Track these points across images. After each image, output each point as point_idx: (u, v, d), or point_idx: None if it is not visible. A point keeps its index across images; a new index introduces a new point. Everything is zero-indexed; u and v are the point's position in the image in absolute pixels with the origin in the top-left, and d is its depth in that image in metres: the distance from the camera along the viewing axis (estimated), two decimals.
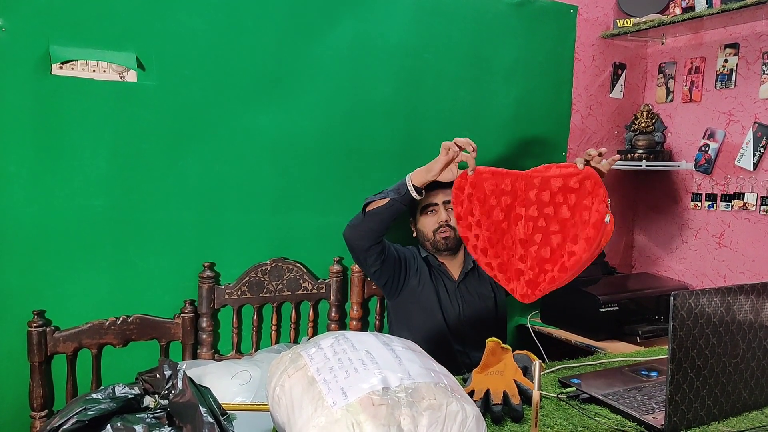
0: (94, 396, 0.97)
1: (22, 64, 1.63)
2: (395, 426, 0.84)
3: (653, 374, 1.43)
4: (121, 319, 1.79)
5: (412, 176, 1.66)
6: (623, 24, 2.50)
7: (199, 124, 1.85)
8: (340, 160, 2.05)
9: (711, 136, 2.45)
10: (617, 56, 2.63)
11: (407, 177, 1.67)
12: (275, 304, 2.01)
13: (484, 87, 2.27)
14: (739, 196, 2.35)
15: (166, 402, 1.00)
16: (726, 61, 2.38)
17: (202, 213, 1.88)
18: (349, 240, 1.77)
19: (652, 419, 1.17)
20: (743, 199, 2.33)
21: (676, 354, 1.11)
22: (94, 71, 1.70)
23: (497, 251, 1.55)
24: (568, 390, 1.34)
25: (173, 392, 0.99)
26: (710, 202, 2.45)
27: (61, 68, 1.66)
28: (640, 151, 2.52)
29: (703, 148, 2.47)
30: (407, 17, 2.10)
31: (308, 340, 1.13)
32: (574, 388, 1.33)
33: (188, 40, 1.80)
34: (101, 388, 1.00)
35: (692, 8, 2.33)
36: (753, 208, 2.31)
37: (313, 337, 1.11)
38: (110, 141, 1.75)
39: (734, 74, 2.36)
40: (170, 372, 1.01)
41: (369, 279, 2.07)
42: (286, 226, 2.01)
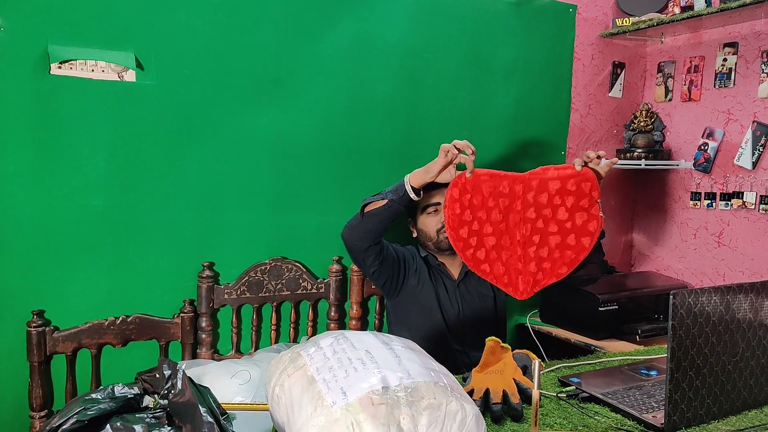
0: (94, 396, 0.97)
1: (21, 64, 1.63)
2: (395, 425, 0.84)
3: (653, 373, 1.43)
4: (121, 319, 1.79)
5: (411, 177, 1.66)
6: (622, 23, 2.50)
7: (199, 124, 1.85)
8: (340, 160, 2.05)
9: (710, 135, 2.45)
10: (616, 55, 2.63)
11: (405, 178, 1.67)
12: (275, 304, 2.01)
13: (484, 86, 2.27)
14: (738, 195, 2.35)
15: (166, 402, 1.00)
16: (725, 60, 2.38)
17: (202, 213, 1.88)
18: (347, 241, 1.77)
19: (652, 418, 1.17)
20: (742, 198, 2.33)
21: (676, 353, 1.11)
22: (93, 71, 1.70)
23: (497, 253, 1.56)
24: (568, 389, 1.34)
25: (173, 392, 0.99)
26: (709, 201, 2.46)
27: (60, 68, 1.66)
28: (639, 150, 2.53)
29: (702, 147, 2.47)
30: (407, 17, 2.10)
31: (308, 340, 1.12)
32: (574, 387, 1.34)
33: (187, 40, 1.80)
34: (101, 388, 0.99)
35: (691, 7, 2.34)
36: (752, 207, 2.31)
37: (313, 337, 1.11)
38: (109, 141, 1.75)
39: (733, 73, 2.36)
40: (170, 372, 1.01)
41: (368, 279, 2.07)
42: (286, 226, 2.01)
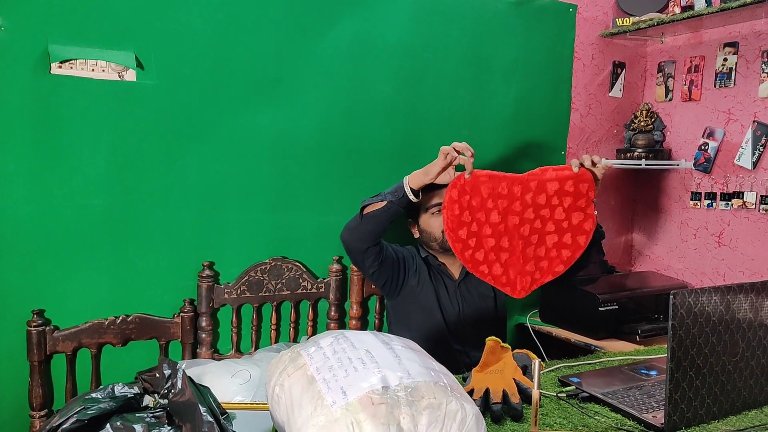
0: (94, 395, 0.97)
1: (21, 63, 1.63)
2: (395, 425, 0.84)
3: (653, 373, 1.43)
4: (121, 319, 1.79)
5: (410, 179, 1.66)
6: (622, 23, 2.50)
7: (199, 123, 1.85)
8: (340, 160, 2.05)
9: (710, 135, 2.45)
10: (616, 55, 2.63)
11: (404, 180, 1.67)
12: (275, 304, 2.01)
13: (484, 86, 2.27)
14: (739, 195, 2.35)
15: (166, 401, 1.00)
16: (725, 60, 2.38)
17: (202, 212, 1.88)
18: (347, 242, 1.76)
19: (652, 418, 1.17)
20: (742, 198, 2.33)
21: (676, 353, 1.11)
22: (93, 70, 1.70)
23: (495, 254, 1.58)
24: (568, 389, 1.34)
25: (173, 391, 0.99)
26: (709, 201, 2.45)
27: (60, 67, 1.66)
28: (640, 150, 2.53)
29: (703, 147, 2.47)
30: (407, 16, 2.10)
31: (308, 340, 1.12)
32: (574, 387, 1.34)
33: (187, 40, 1.80)
34: (101, 388, 0.99)
35: (692, 7, 2.33)
36: (752, 207, 2.31)
37: (313, 336, 1.11)
38: (109, 140, 1.74)
39: (733, 73, 2.36)
40: (170, 371, 1.01)
41: (368, 279, 2.06)
42: (286, 226, 2.01)
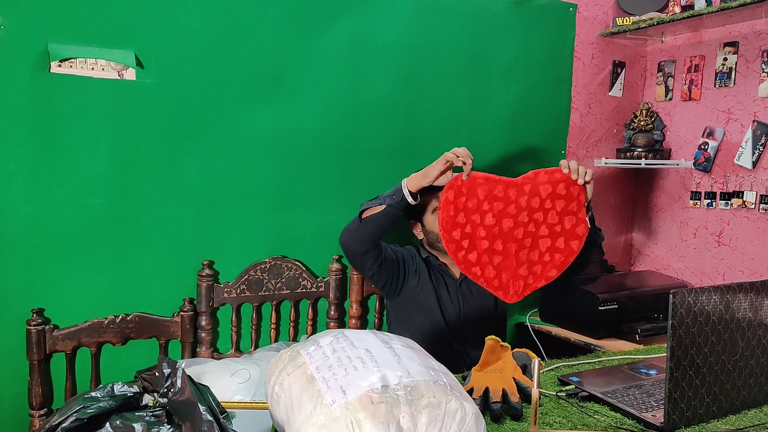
0: (93, 394, 0.96)
1: (21, 62, 1.63)
2: (394, 424, 0.84)
3: (652, 372, 1.43)
4: (120, 318, 1.79)
5: (408, 181, 1.66)
6: (622, 22, 2.50)
7: (198, 123, 1.85)
8: (339, 159, 2.05)
9: (710, 135, 2.45)
10: (616, 54, 2.63)
11: (403, 182, 1.66)
12: (274, 303, 2.01)
13: (483, 85, 2.27)
14: (738, 195, 2.35)
15: (165, 400, 0.99)
16: (725, 60, 2.38)
17: (201, 211, 1.88)
18: (346, 246, 1.77)
19: (651, 417, 1.17)
20: (742, 198, 2.33)
21: (675, 352, 1.11)
22: (93, 69, 1.70)
23: (488, 257, 1.59)
24: (568, 388, 1.34)
25: (172, 390, 0.99)
26: (709, 201, 2.45)
27: (60, 66, 1.66)
28: (640, 150, 2.53)
29: (702, 147, 2.47)
30: (406, 16, 2.10)
31: (307, 339, 1.12)
32: (573, 386, 1.34)
33: (187, 39, 1.80)
34: (100, 387, 0.99)
35: (692, 6, 2.33)
36: (752, 207, 2.31)
37: (312, 336, 1.11)
38: (109, 139, 1.74)
39: (733, 72, 2.35)
40: (169, 370, 1.01)
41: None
42: (285, 225, 2.01)
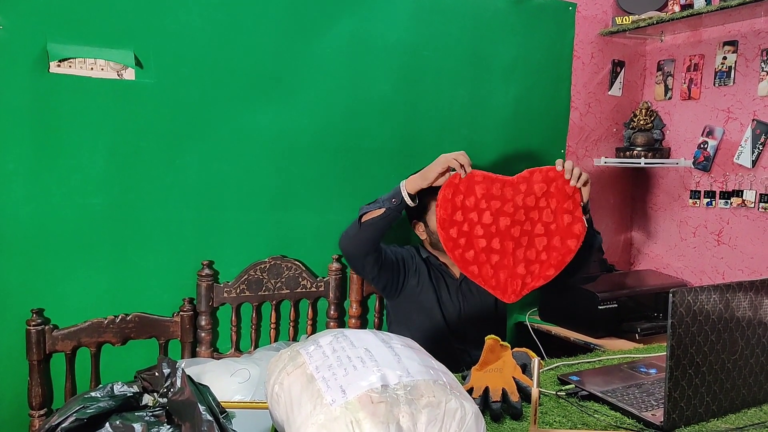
0: (93, 394, 0.96)
1: (20, 62, 1.62)
2: (394, 423, 0.84)
3: (652, 371, 1.43)
4: (120, 318, 1.79)
5: (406, 183, 1.66)
6: (622, 21, 2.50)
7: (198, 122, 1.85)
8: (339, 158, 2.05)
9: (710, 134, 2.45)
10: (616, 54, 2.63)
11: (401, 184, 1.67)
12: (274, 302, 2.01)
13: (483, 85, 2.27)
14: (738, 194, 2.35)
15: (165, 400, 0.99)
16: (725, 59, 2.38)
17: (201, 211, 1.88)
18: (346, 250, 1.77)
19: (651, 416, 1.17)
20: (742, 197, 2.33)
21: (675, 351, 1.11)
22: (92, 69, 1.70)
23: (486, 255, 1.59)
24: (567, 387, 1.34)
25: (172, 390, 0.99)
26: (709, 200, 2.45)
27: (59, 66, 1.66)
28: (639, 149, 2.53)
29: (702, 146, 2.47)
30: (406, 15, 2.10)
31: (307, 338, 1.12)
32: (573, 386, 1.34)
33: (186, 38, 1.80)
34: (100, 387, 0.99)
35: (691, 5, 2.33)
36: (751, 206, 2.31)
37: (312, 335, 1.11)
38: (108, 139, 1.74)
39: (733, 71, 2.35)
40: (169, 370, 1.01)
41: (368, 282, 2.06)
42: (285, 224, 2.01)
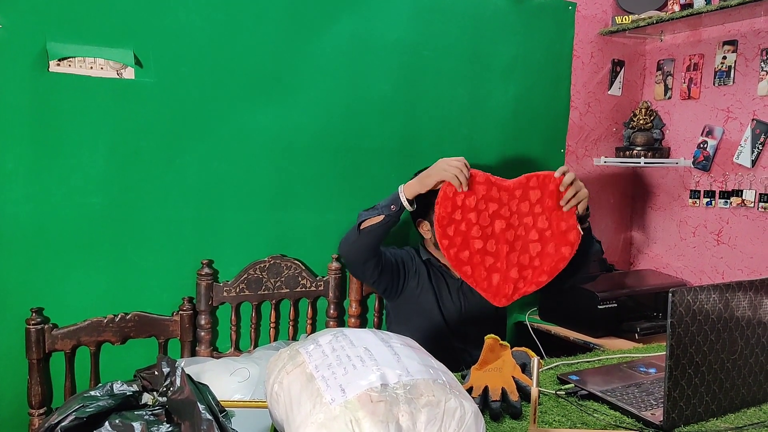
0: (93, 393, 0.96)
1: (20, 61, 1.62)
2: (393, 423, 0.84)
3: (651, 371, 1.43)
4: (120, 317, 1.79)
5: (405, 189, 1.67)
6: (622, 21, 2.50)
7: (197, 122, 1.84)
8: (339, 158, 2.05)
9: (709, 133, 2.45)
10: (616, 53, 2.63)
11: (399, 189, 1.68)
12: (273, 302, 2.01)
13: (483, 84, 2.27)
14: (738, 193, 2.35)
15: (165, 399, 0.99)
16: (724, 58, 2.38)
17: (201, 210, 1.88)
18: (346, 257, 1.78)
19: (651, 415, 1.17)
20: (741, 196, 2.33)
21: (675, 350, 1.11)
22: (92, 68, 1.70)
23: (480, 257, 1.60)
24: (567, 386, 1.34)
25: (172, 389, 0.99)
26: (708, 199, 2.46)
27: (59, 65, 1.66)
28: (639, 148, 2.53)
29: (702, 145, 2.47)
30: (405, 14, 2.10)
31: (306, 337, 1.12)
32: (573, 385, 1.34)
33: (186, 37, 1.80)
34: (99, 386, 0.99)
35: (691, 5, 2.33)
36: (751, 205, 2.31)
37: (312, 334, 1.11)
38: (108, 138, 1.74)
39: (733, 71, 2.35)
40: (169, 369, 1.01)
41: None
42: (285, 224, 2.01)
